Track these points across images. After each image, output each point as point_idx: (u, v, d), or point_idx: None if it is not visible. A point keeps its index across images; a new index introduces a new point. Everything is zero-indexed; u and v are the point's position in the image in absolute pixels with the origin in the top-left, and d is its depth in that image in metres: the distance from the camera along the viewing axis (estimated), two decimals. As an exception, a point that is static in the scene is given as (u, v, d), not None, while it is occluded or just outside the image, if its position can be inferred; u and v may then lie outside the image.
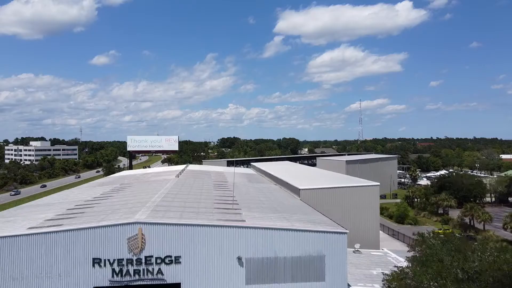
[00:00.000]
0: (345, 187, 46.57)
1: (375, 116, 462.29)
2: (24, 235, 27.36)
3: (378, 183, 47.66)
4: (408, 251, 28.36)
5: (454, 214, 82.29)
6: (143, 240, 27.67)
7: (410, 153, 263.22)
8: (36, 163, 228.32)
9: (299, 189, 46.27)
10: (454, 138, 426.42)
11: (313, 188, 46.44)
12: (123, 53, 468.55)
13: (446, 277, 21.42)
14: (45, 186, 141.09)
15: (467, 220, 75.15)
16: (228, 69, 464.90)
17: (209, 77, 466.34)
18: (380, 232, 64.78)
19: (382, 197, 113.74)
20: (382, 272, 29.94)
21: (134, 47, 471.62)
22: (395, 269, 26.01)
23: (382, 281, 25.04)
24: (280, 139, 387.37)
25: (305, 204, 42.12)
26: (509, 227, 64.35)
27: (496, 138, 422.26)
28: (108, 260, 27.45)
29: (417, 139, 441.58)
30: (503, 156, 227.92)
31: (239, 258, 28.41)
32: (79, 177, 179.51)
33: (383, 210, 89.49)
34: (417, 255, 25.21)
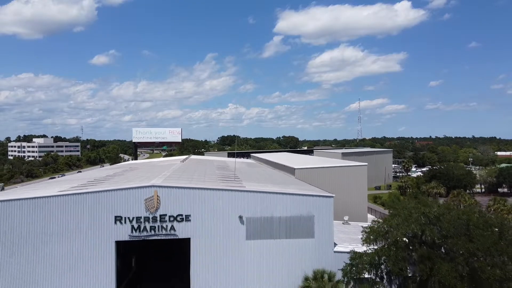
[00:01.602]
0: (336, 166, 51.13)
1: (375, 116, 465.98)
2: (56, 196, 31.92)
3: (366, 163, 52.21)
4: (384, 208, 32.80)
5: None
6: (158, 201, 32.20)
7: (408, 151, 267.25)
8: (40, 159, 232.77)
9: (294, 169, 50.86)
10: (453, 137, 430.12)
11: (307, 168, 51.02)
12: (123, 53, 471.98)
13: (412, 222, 25.93)
14: (80, 171, 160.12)
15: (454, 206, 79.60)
16: (228, 69, 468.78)
17: (209, 77, 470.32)
18: (373, 216, 69.34)
19: (377, 188, 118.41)
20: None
21: (134, 47, 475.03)
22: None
23: (361, 232, 29.49)
24: (280, 137, 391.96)
25: (299, 180, 46.69)
26: (492, 210, 68.81)
27: (495, 137, 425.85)
28: (128, 218, 32.00)
29: (416, 138, 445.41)
30: (499, 153, 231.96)
31: (240, 217, 32.94)
32: (102, 166, 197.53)
33: (376, 199, 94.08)
34: (392, 211, 29.73)
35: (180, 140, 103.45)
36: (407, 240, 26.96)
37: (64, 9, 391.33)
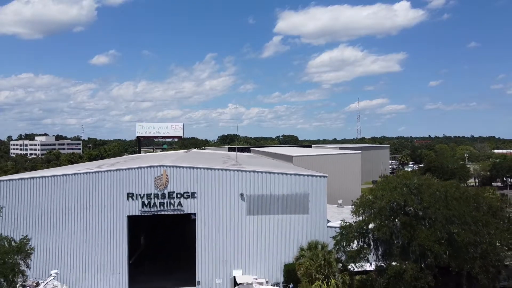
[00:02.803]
0: (331, 154, 54.18)
1: (375, 116, 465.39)
2: (74, 174, 35.04)
3: (360, 151, 55.24)
4: (373, 186, 35.88)
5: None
6: (166, 179, 35.25)
7: (407, 150, 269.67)
8: (42, 156, 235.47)
9: (292, 156, 53.95)
10: (452, 137, 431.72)
11: (303, 155, 54.08)
12: (123, 53, 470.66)
13: (395, 193, 28.94)
14: None
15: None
16: (228, 69, 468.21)
17: (208, 77, 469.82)
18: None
19: (374, 182, 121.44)
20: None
21: (134, 47, 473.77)
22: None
23: (351, 206, 32.42)
24: (279, 136, 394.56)
25: (296, 166, 49.74)
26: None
27: (494, 137, 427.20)
28: (139, 194, 35.06)
29: (416, 137, 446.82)
30: (496, 151, 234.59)
31: (242, 195, 35.99)
32: None
33: (372, 191, 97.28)
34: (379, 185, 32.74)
35: (182, 135, 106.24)
36: (391, 211, 29.89)
37: (64, 9, 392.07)
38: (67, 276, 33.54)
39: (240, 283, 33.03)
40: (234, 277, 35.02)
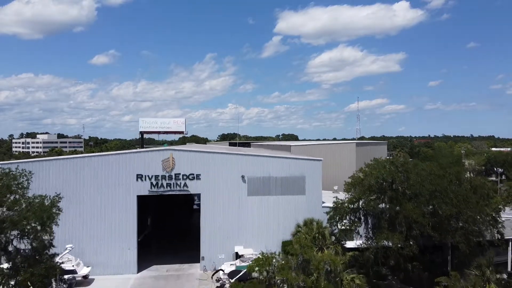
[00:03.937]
0: (328, 144, 56.95)
1: (374, 116, 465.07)
2: (90, 156, 37.92)
3: (355, 141, 58.01)
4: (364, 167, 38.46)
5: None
6: (173, 162, 37.98)
7: (406, 148, 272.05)
8: (45, 154, 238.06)
9: (290, 146, 56.75)
10: (452, 136, 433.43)
11: (301, 145, 56.89)
12: (123, 53, 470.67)
13: (383, 171, 31.70)
14: None
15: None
16: (227, 69, 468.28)
17: (208, 77, 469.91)
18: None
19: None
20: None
21: (134, 47, 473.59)
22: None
23: (344, 186, 35.14)
24: (279, 135, 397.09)
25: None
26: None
27: (493, 136, 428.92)
28: (148, 175, 37.78)
29: (415, 137, 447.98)
30: (494, 149, 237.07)
31: (243, 177, 38.71)
32: None
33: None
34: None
35: (184, 130, 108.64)
36: (379, 189, 32.62)
37: (64, 9, 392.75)
38: (81, 250, 36.21)
39: (242, 255, 35.75)
40: (236, 252, 37.74)
